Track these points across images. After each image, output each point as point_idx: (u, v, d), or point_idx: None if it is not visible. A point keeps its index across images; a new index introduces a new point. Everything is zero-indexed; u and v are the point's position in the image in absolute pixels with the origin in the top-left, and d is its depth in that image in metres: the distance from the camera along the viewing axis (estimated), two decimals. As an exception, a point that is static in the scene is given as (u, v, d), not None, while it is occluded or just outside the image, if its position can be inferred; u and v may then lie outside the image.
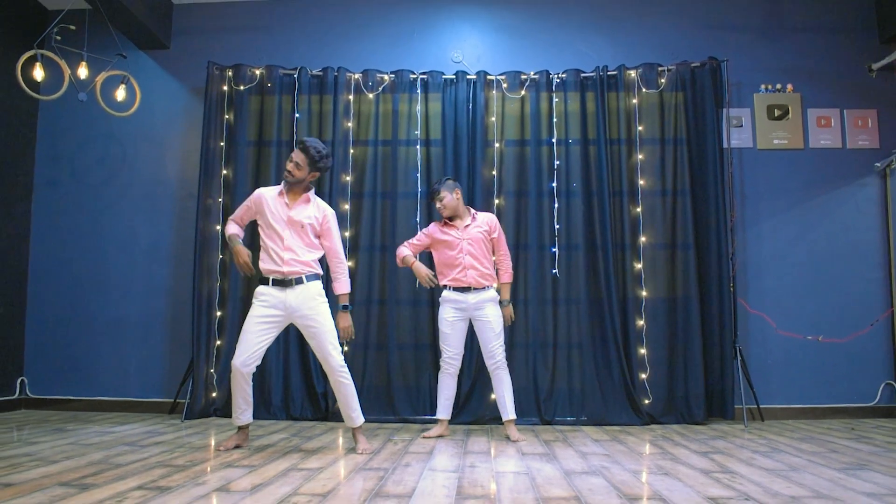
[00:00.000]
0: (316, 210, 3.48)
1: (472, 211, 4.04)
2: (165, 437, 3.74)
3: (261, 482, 2.62)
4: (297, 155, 3.41)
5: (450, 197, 3.91)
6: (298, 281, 3.35)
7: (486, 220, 3.99)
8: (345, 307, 3.52)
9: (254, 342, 3.30)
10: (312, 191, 3.52)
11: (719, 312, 4.56)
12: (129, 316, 4.98)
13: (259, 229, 3.48)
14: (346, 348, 4.45)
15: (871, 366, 4.75)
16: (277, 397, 4.59)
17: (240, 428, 3.45)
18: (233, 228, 3.53)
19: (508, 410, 3.85)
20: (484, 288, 3.88)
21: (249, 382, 3.36)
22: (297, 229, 3.39)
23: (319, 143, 3.45)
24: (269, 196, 3.45)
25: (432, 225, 4.07)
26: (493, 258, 4.00)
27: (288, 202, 3.43)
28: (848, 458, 3.21)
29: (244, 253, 3.39)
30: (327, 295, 3.53)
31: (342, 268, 3.52)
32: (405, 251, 3.96)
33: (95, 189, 5.12)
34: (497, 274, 4.00)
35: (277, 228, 3.37)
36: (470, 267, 3.86)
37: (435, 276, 3.92)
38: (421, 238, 4.05)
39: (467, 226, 3.94)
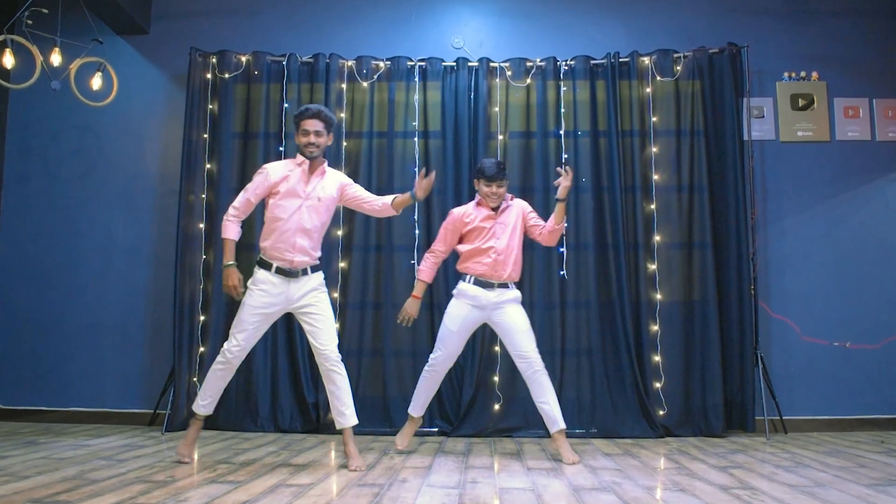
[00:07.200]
0: (332, 181, 3.48)
1: (509, 196, 3.83)
2: (145, 450, 3.74)
3: (247, 499, 2.61)
4: (314, 123, 3.37)
5: (506, 186, 3.73)
6: (304, 272, 3.38)
7: (521, 205, 3.81)
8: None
9: (250, 333, 3.34)
10: (326, 163, 3.52)
11: (739, 317, 4.56)
12: (105, 320, 4.98)
13: (268, 207, 3.42)
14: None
15: (903, 374, 4.76)
16: (265, 408, 4.59)
17: (195, 421, 3.44)
18: (232, 230, 3.39)
19: (558, 419, 3.56)
20: (508, 286, 3.71)
21: (232, 374, 3.42)
22: (314, 205, 3.39)
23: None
24: (282, 169, 3.42)
25: (457, 213, 3.79)
26: (542, 231, 3.74)
27: (303, 175, 3.41)
28: (878, 473, 3.21)
29: (235, 276, 3.35)
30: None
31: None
32: (422, 271, 3.81)
33: (70, 184, 5.12)
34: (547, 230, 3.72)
35: (294, 204, 3.35)
36: (501, 255, 3.64)
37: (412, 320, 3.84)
38: (445, 239, 3.79)
39: (503, 210, 3.73)
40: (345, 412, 3.39)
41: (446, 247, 3.82)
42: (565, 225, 3.75)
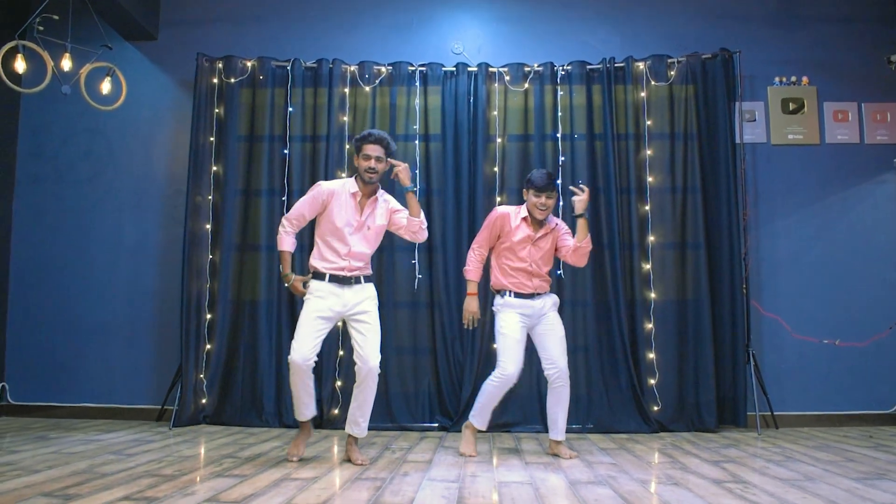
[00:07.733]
0: (383, 209, 3.47)
1: (556, 220, 3.77)
2: (153, 445, 3.75)
3: (252, 493, 2.62)
4: (375, 149, 3.33)
5: (555, 199, 3.62)
6: (357, 280, 3.38)
7: (560, 227, 3.72)
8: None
9: (312, 335, 3.25)
10: (380, 188, 3.49)
11: (731, 315, 4.58)
12: (114, 318, 4.98)
13: (319, 225, 3.41)
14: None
15: (891, 371, 4.76)
16: (270, 404, 4.60)
17: (302, 424, 3.44)
18: (287, 242, 3.40)
19: (560, 430, 3.59)
20: (547, 292, 3.67)
21: (311, 375, 3.31)
22: (365, 234, 3.40)
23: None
24: (340, 194, 3.38)
25: (501, 212, 3.69)
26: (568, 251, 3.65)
27: (358, 204, 3.39)
28: (866, 467, 3.22)
29: (298, 282, 3.39)
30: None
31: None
32: (470, 271, 3.70)
33: (80, 186, 5.12)
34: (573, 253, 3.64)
35: (345, 232, 3.35)
36: (536, 275, 3.62)
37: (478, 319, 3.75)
38: (488, 236, 3.69)
39: (544, 233, 3.65)
40: (361, 423, 3.39)
41: (488, 244, 3.73)
42: (590, 246, 3.63)
